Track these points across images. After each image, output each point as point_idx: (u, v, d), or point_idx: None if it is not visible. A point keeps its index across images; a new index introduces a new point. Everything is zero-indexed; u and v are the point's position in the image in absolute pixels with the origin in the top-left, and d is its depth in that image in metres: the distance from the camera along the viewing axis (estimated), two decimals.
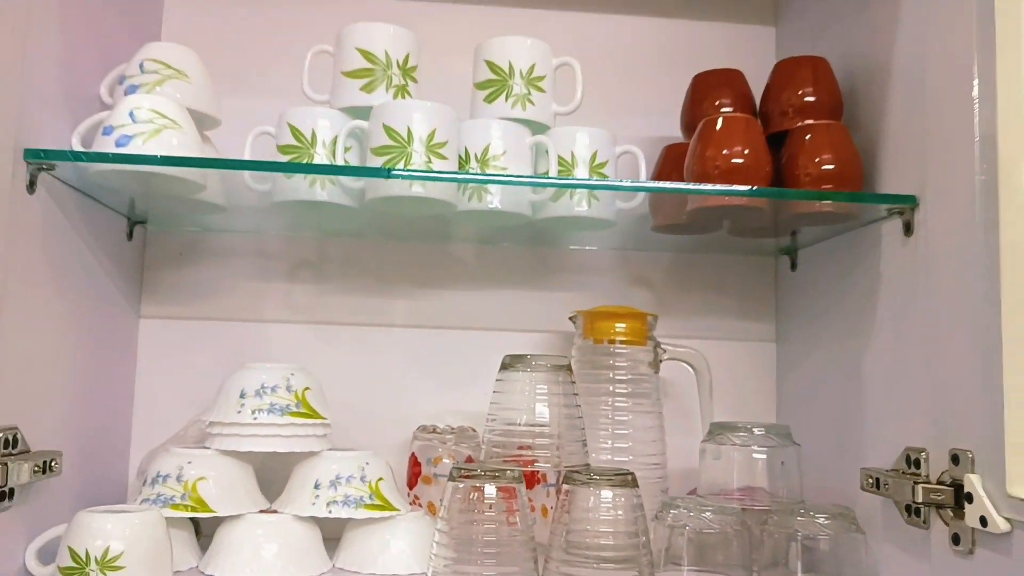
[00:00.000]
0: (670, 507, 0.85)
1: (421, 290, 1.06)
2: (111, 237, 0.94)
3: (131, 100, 0.78)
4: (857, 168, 0.84)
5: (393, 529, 0.84)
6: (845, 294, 0.91)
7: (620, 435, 0.92)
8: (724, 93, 0.93)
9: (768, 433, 0.87)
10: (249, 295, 1.04)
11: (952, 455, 0.69)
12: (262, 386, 0.84)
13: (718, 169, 0.83)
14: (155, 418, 1.00)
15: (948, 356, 0.71)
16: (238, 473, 0.84)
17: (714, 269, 1.09)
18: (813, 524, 0.82)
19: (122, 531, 0.72)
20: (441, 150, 0.82)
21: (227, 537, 0.81)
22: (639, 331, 0.94)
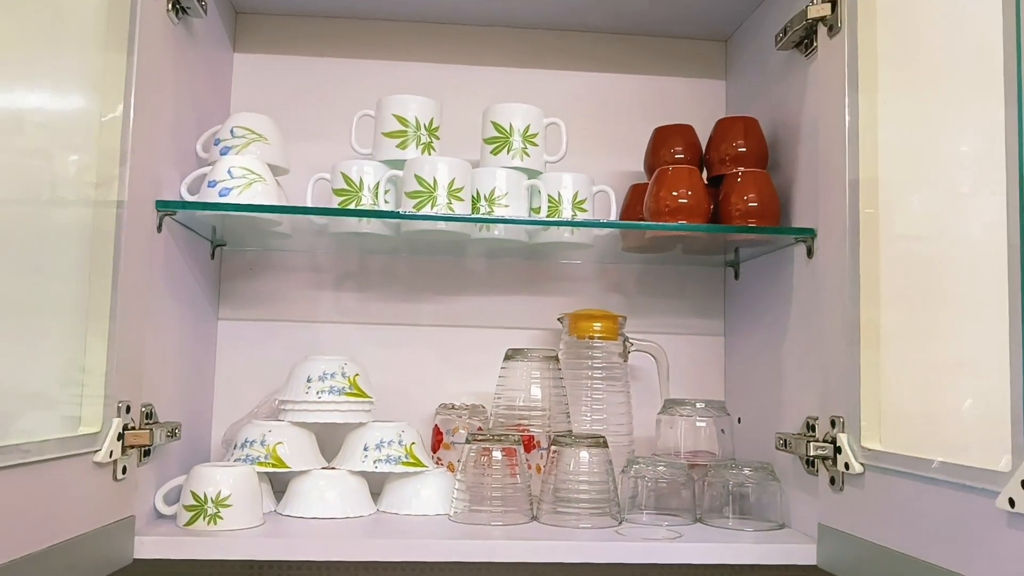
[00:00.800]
0: (633, 463, 1.11)
1: (442, 296, 1.33)
2: (200, 257, 1.20)
3: (228, 160, 1.04)
4: (775, 206, 1.10)
5: (422, 481, 1.11)
6: (772, 299, 1.17)
7: (597, 410, 1.18)
8: (677, 143, 1.19)
9: (708, 407, 1.14)
10: (305, 301, 1.31)
11: (831, 420, 0.96)
12: (323, 373, 1.11)
13: (668, 208, 1.09)
14: (230, 399, 1.27)
15: (830, 346, 0.97)
16: (306, 439, 1.11)
17: (674, 278, 1.35)
18: (742, 476, 1.09)
19: (229, 479, 0.99)
20: (459, 194, 1.08)
21: (299, 487, 1.08)
22: (612, 329, 1.20)
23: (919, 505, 0.80)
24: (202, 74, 1.17)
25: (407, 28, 1.35)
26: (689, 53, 1.39)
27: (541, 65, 1.36)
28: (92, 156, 0.88)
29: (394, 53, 1.34)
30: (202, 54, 1.16)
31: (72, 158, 0.85)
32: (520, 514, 1.06)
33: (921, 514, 0.80)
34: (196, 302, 1.19)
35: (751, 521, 1.07)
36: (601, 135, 1.35)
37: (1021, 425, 0.67)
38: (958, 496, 0.75)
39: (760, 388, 1.21)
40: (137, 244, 0.93)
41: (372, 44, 1.34)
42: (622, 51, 1.38)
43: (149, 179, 0.97)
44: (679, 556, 0.97)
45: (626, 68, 1.37)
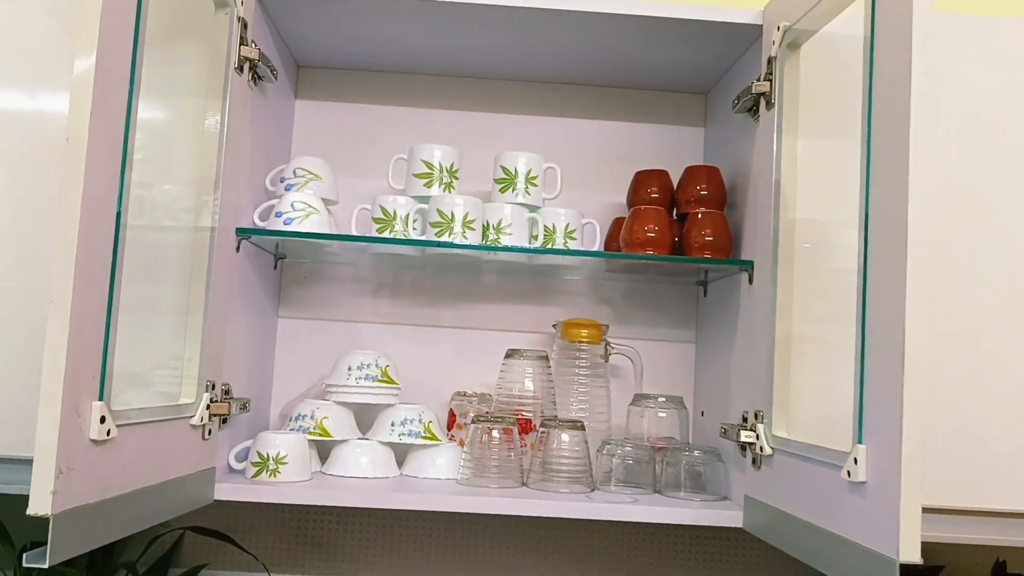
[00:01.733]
0: (607, 444, 1.38)
1: (459, 304, 1.61)
2: (265, 269, 1.50)
3: (291, 196, 1.34)
4: (728, 241, 1.36)
5: (437, 452, 1.39)
6: (727, 316, 1.43)
7: (581, 401, 1.45)
8: (653, 184, 1.45)
9: (668, 401, 1.40)
10: (348, 305, 1.60)
11: (755, 413, 1.22)
12: (361, 363, 1.39)
13: (639, 240, 1.36)
14: (287, 383, 1.56)
15: (757, 354, 1.23)
16: (346, 415, 1.40)
17: (654, 294, 1.62)
18: (693, 457, 1.35)
19: (286, 444, 1.28)
20: (472, 224, 1.36)
21: (339, 452, 1.36)
22: (596, 335, 1.47)
23: (804, 478, 1.06)
24: (271, 121, 1.47)
25: (436, 80, 1.63)
26: (673, 105, 1.65)
27: (545, 113, 1.63)
28: (194, 193, 1.17)
29: (424, 102, 1.63)
30: (271, 105, 1.46)
31: (178, 190, 1.15)
32: (513, 481, 1.34)
33: (804, 485, 1.06)
34: (262, 305, 1.49)
35: (700, 494, 1.33)
36: (591, 173, 1.62)
37: (857, 418, 0.93)
38: (824, 471, 1.00)
39: (717, 387, 1.46)
40: (222, 260, 1.22)
41: (408, 94, 1.63)
42: (615, 102, 1.64)
43: (231, 209, 1.26)
44: (634, 515, 1.24)
45: (618, 116, 1.64)
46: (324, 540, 1.55)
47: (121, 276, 0.92)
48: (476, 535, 1.57)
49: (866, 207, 0.95)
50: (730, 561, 1.58)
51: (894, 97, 0.90)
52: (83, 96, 0.84)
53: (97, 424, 0.88)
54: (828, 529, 0.99)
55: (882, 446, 0.88)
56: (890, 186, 0.90)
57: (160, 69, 1.02)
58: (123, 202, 0.92)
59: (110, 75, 0.88)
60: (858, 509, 0.92)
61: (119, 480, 0.94)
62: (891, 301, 0.88)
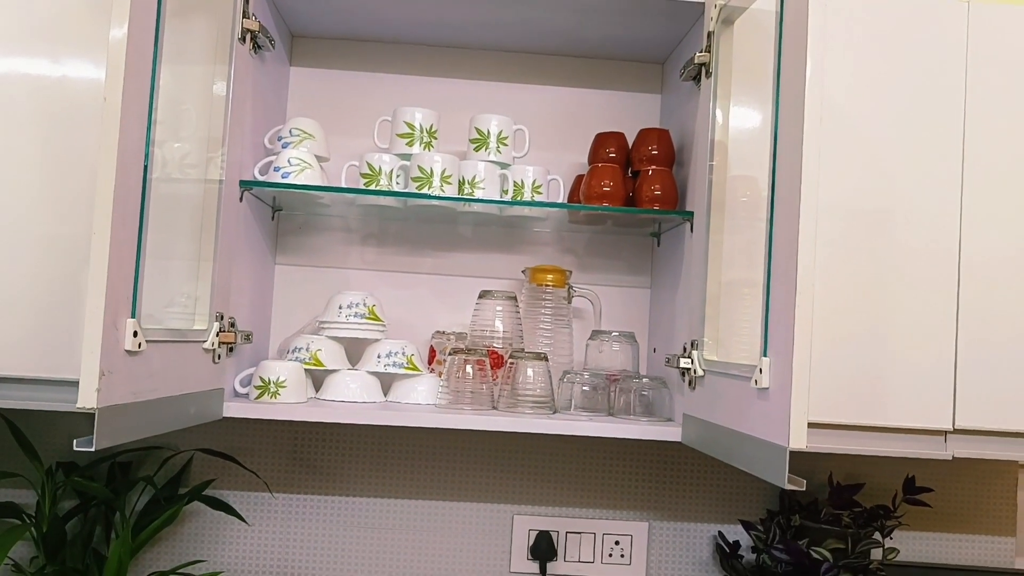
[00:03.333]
0: (567, 374, 1.57)
1: (438, 251, 1.79)
2: (264, 219, 1.67)
3: (288, 152, 1.51)
4: (674, 195, 1.54)
5: (419, 381, 1.58)
6: (675, 262, 1.62)
7: (546, 339, 1.64)
8: (611, 145, 1.62)
9: (621, 336, 1.59)
10: (338, 253, 1.77)
11: (692, 342, 1.41)
12: (351, 302, 1.58)
13: (596, 193, 1.54)
14: (284, 321, 1.74)
15: (694, 293, 1.42)
16: (337, 348, 1.58)
17: (613, 243, 1.80)
18: (642, 384, 1.54)
19: (285, 370, 1.46)
20: (449, 180, 1.53)
21: (332, 380, 1.55)
22: (560, 280, 1.65)
23: (726, 392, 1.25)
24: (268, 86, 1.63)
25: (417, 49, 1.79)
26: (633, 73, 1.82)
27: (515, 79, 1.80)
28: (204, 151, 1.34)
29: (407, 69, 1.79)
30: (269, 72, 1.62)
31: (190, 148, 1.32)
32: (485, 406, 1.53)
33: (725, 397, 1.25)
34: (261, 251, 1.66)
35: (649, 418, 1.52)
36: (557, 135, 1.79)
37: (763, 336, 1.12)
38: (740, 383, 1.20)
39: (666, 325, 1.65)
40: (228, 209, 1.40)
41: (391, 61, 1.79)
42: (580, 71, 1.81)
43: (236, 164, 1.43)
44: (588, 431, 1.43)
45: (583, 84, 1.81)
46: (318, 460, 1.74)
47: (148, 216, 1.10)
48: (453, 452, 1.76)
49: (774, 155, 1.13)
50: (671, 471, 1.78)
51: (795, 61, 1.08)
52: (117, 61, 1.01)
53: (131, 337, 1.06)
54: (740, 431, 1.18)
55: (780, 357, 1.07)
56: (789, 134, 1.08)
57: (175, 39, 1.19)
58: (149, 155, 1.09)
59: (138, 43, 1.05)
60: (762, 411, 1.11)
61: (148, 386, 1.12)
62: (787, 236, 1.06)
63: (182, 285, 1.31)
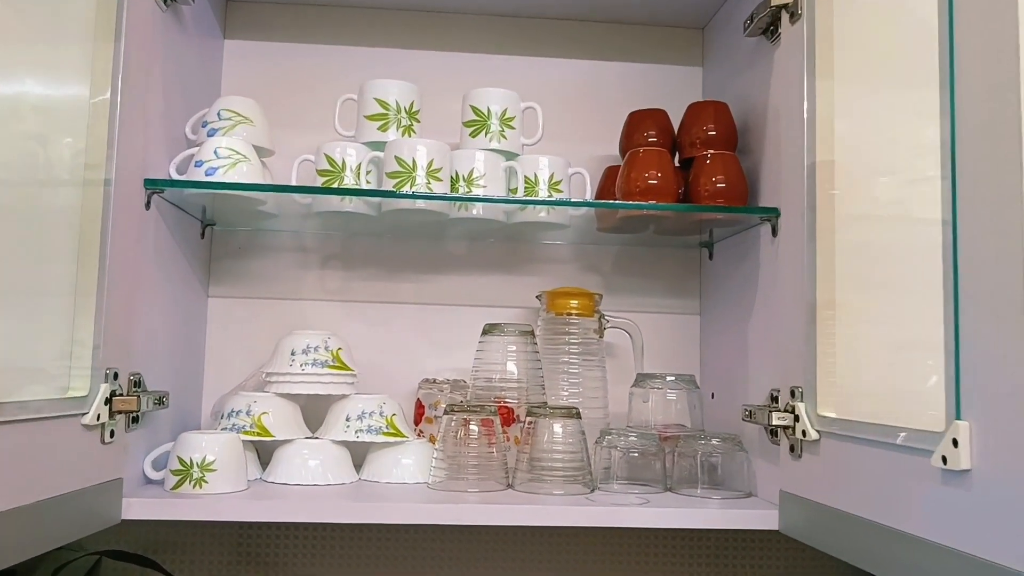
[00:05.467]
0: (607, 434, 1.16)
1: (424, 275, 1.37)
2: (190, 237, 1.25)
3: (214, 141, 1.09)
4: (742, 187, 1.14)
5: (403, 451, 1.15)
6: (740, 278, 1.22)
7: (573, 384, 1.23)
8: (650, 127, 1.22)
9: (678, 380, 1.18)
10: (291, 280, 1.35)
11: (791, 391, 1.00)
12: (308, 346, 1.15)
13: (638, 188, 1.13)
14: (220, 373, 1.31)
15: (789, 321, 1.02)
16: (290, 410, 1.15)
17: (650, 259, 1.40)
18: (711, 446, 1.13)
19: (214, 446, 1.03)
20: (437, 174, 1.12)
21: (283, 455, 1.12)
22: (588, 306, 1.24)
23: (867, 468, 0.84)
24: (192, 60, 1.21)
25: (390, 16, 1.39)
26: (667, 40, 1.43)
27: (520, 52, 1.40)
28: (83, 140, 0.92)
29: (378, 40, 1.38)
30: (192, 40, 1.20)
31: (65, 141, 0.89)
32: (496, 482, 1.11)
33: (868, 476, 0.84)
34: (187, 280, 1.23)
35: (720, 490, 1.11)
36: (578, 120, 1.39)
37: (953, 388, 0.71)
38: (899, 457, 0.79)
39: (730, 363, 1.25)
40: (126, 222, 0.97)
41: (357, 31, 1.38)
42: (600, 38, 1.42)
43: (137, 161, 1.01)
44: (645, 520, 1.02)
45: (604, 55, 1.41)
46: (272, 558, 1.30)
47: None
48: (453, 549, 1.34)
49: (952, 142, 0.72)
50: (760, 569, 1.37)
51: None
52: None
53: None
54: (909, 532, 0.77)
55: (994, 422, 0.67)
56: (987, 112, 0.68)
57: None
58: None
59: None
60: (957, 504, 0.70)
61: None
62: (996, 249, 0.66)
63: (46, 333, 0.88)
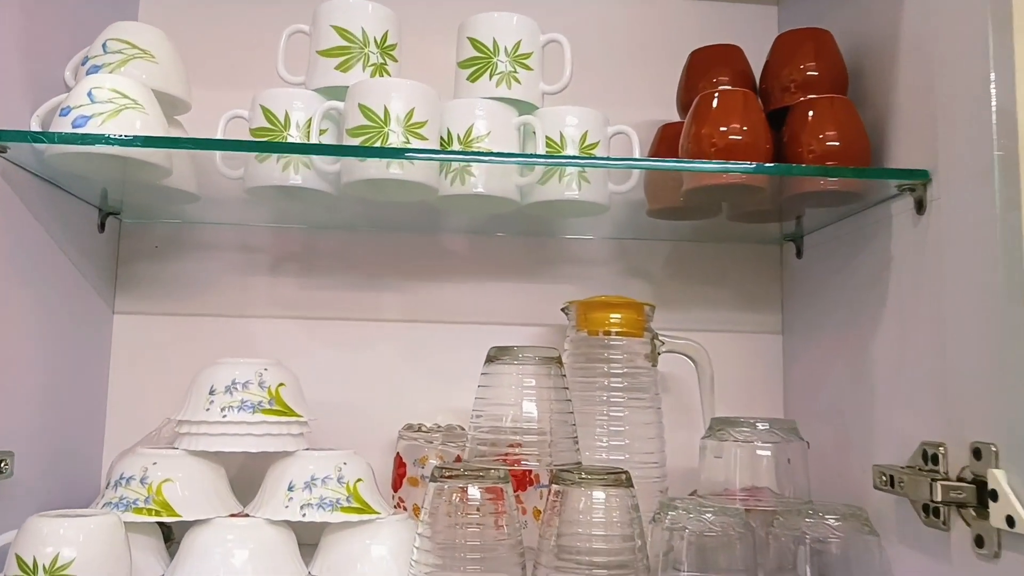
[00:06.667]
0: (668, 508, 0.79)
1: (410, 283, 1.01)
2: (81, 229, 0.90)
3: (90, 80, 0.74)
4: (863, 143, 0.79)
5: (373, 533, 0.79)
6: (854, 280, 0.86)
7: (616, 432, 0.87)
8: (722, 70, 0.87)
9: (772, 428, 0.81)
10: (231, 289, 1.00)
11: (973, 449, 0.64)
12: (232, 382, 0.79)
13: (714, 147, 0.78)
14: (130, 420, 0.95)
15: (963, 343, 0.66)
16: (207, 475, 0.79)
17: (715, 258, 1.04)
18: (823, 526, 0.77)
19: (75, 536, 0.67)
20: (420, 130, 0.77)
21: (194, 543, 0.76)
22: (635, 322, 0.88)
23: None
24: None
25: None
26: None
27: None
28: None
29: None
30: None
31: None
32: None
33: None
34: (75, 288, 0.89)
35: None
36: (617, 74, 1.04)
37: None
38: None
39: (836, 403, 0.89)
40: None
41: None
42: None
43: None
44: None
45: None
46: None
47: None
48: None
49: None
50: None
51: None
52: None
53: None
54: None
55: None
56: None
57: None
58: None
59: None
60: None
61: None
62: None
63: None
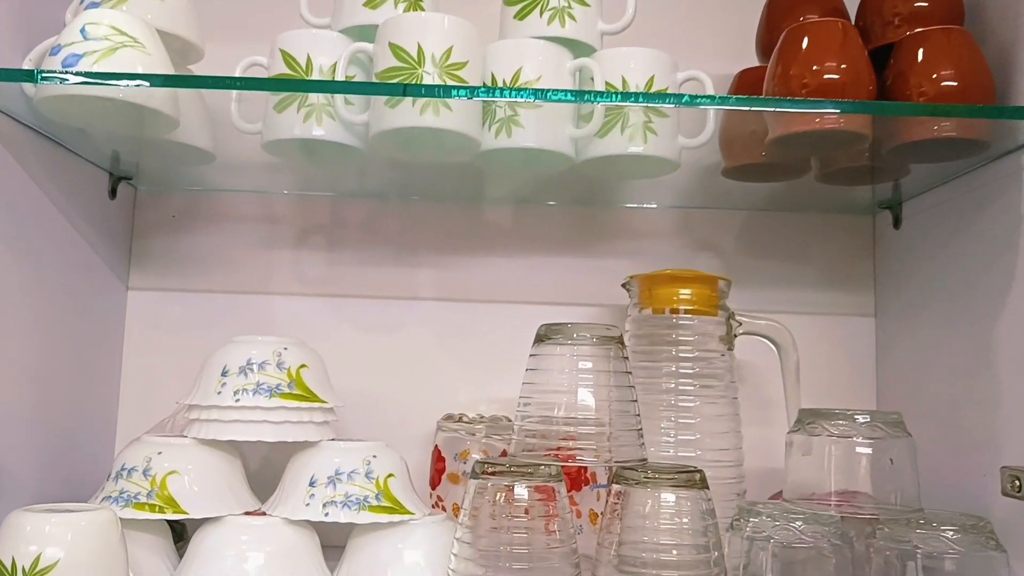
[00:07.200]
0: (750, 515, 0.67)
1: (448, 258, 0.91)
2: (90, 195, 0.81)
3: (86, 15, 0.65)
4: (985, 82, 0.66)
5: (406, 536, 0.69)
6: (968, 251, 0.73)
7: (684, 425, 0.75)
8: (809, 6, 0.75)
9: (874, 422, 0.69)
10: (253, 264, 0.91)
11: None
12: (247, 362, 0.70)
13: (806, 88, 0.66)
14: (146, 406, 0.87)
15: None
16: (219, 467, 0.70)
17: (796, 230, 0.91)
18: (937, 538, 0.64)
19: (62, 534, 0.58)
20: (459, 72, 0.67)
21: (203, 544, 0.66)
22: (708, 298, 0.77)
23: None
24: None
25: None
26: None
27: None
28: None
29: None
30: None
31: None
32: None
33: None
34: (86, 262, 0.81)
35: None
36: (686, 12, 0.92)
37: None
38: None
39: (944, 396, 0.76)
40: None
41: None
42: None
43: None
44: None
45: None
46: None
47: None
48: None
49: None
50: None
51: None
52: None
53: None
54: None
55: None
56: None
57: None
58: None
59: None
60: None
61: None
62: None
63: None
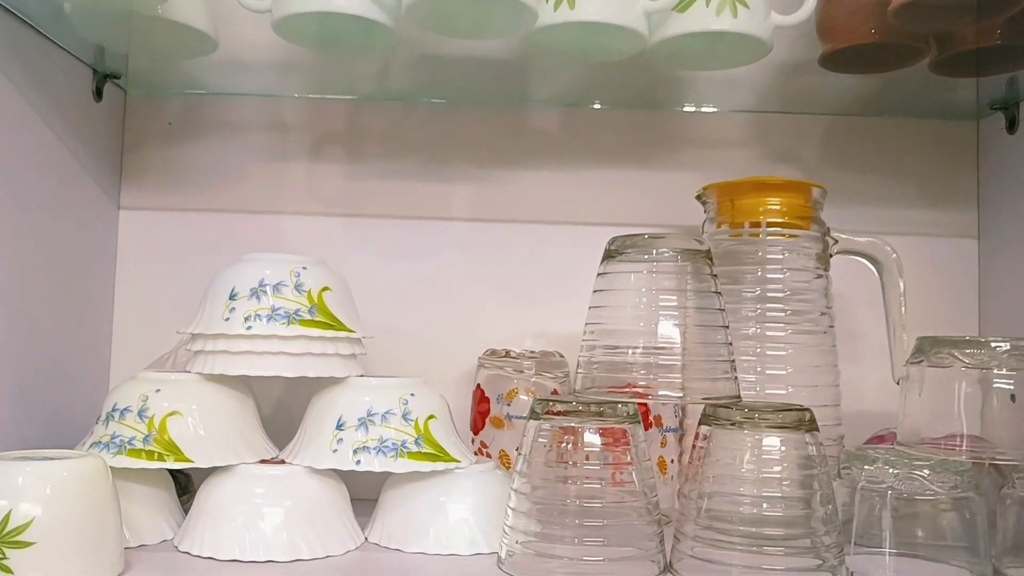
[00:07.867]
0: (863, 461, 0.57)
1: (485, 171, 0.79)
2: (71, 94, 0.69)
3: None
4: None
5: (451, 488, 0.58)
6: None
7: (773, 357, 0.64)
8: None
9: (1015, 351, 0.57)
10: (261, 179, 0.79)
11: None
12: (260, 283, 0.58)
13: None
14: (142, 339, 0.76)
15: None
16: (228, 407, 0.59)
17: (888, 138, 0.80)
18: None
19: (38, 487, 0.47)
20: None
21: (211, 498, 0.56)
22: (801, 209, 0.65)
23: None
24: None
25: None
26: None
27: None
28: None
29: None
30: None
31: None
32: (638, 554, 0.53)
33: None
34: (70, 177, 0.69)
35: None
36: None
37: None
38: None
39: None
40: None
41: None
42: None
43: None
44: None
45: None
46: None
47: None
48: None
49: None
50: None
51: None
52: None
53: None
54: None
55: None
56: None
57: None
58: None
59: None
60: None
61: None
62: None
63: None
